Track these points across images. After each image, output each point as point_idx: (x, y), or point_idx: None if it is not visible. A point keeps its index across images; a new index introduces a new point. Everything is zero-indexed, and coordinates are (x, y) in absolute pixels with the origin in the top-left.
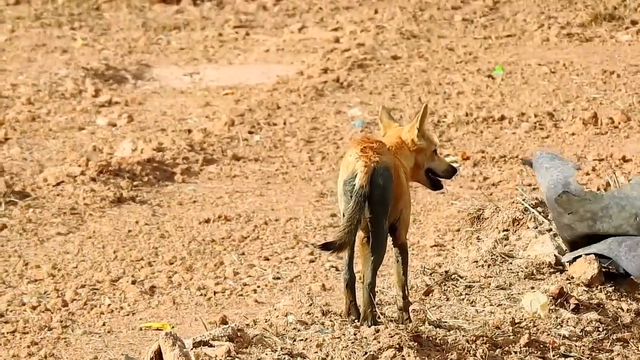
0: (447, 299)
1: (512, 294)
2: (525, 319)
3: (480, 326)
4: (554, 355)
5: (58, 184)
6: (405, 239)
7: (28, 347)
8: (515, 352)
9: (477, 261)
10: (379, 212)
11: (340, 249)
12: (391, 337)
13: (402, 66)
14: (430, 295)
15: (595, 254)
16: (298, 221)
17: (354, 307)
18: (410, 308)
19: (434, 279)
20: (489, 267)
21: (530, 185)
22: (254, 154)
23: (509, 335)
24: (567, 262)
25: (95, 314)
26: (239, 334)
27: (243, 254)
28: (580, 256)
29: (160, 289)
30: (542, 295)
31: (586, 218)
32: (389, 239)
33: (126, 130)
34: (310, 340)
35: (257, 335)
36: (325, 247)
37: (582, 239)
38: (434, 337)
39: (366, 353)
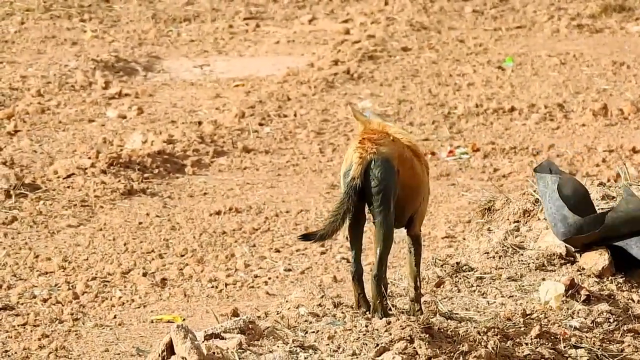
0: (459, 291)
1: (523, 286)
2: (536, 311)
3: (492, 318)
4: (564, 347)
5: (68, 176)
6: (420, 230)
7: (39, 339)
8: (527, 344)
9: (488, 252)
10: (379, 205)
11: (322, 239)
12: (402, 329)
13: (413, 58)
14: (442, 286)
15: (607, 245)
16: (309, 213)
17: (363, 299)
18: (422, 300)
19: (445, 271)
20: (500, 258)
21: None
22: (265, 145)
23: (520, 327)
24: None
25: (106, 307)
26: (250, 326)
27: (254, 245)
28: (591, 246)
29: (171, 281)
30: (559, 285)
31: (597, 238)
32: (403, 230)
33: (136, 122)
34: (322, 333)
35: (268, 327)
36: (306, 237)
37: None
38: (445, 328)
39: (377, 345)
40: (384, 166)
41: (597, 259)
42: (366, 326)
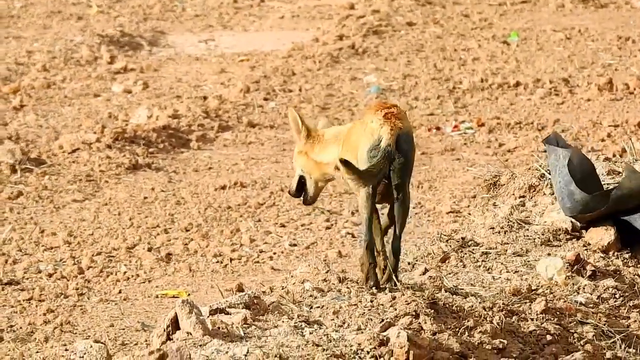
0: (464, 266)
1: (528, 261)
2: (541, 286)
3: (497, 293)
4: (570, 322)
5: (73, 151)
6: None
7: (44, 314)
8: (532, 319)
9: (493, 228)
10: (405, 177)
11: (356, 174)
12: (408, 304)
13: (417, 32)
14: (447, 262)
15: (612, 220)
16: None
17: (373, 270)
18: (427, 275)
19: (450, 246)
20: (505, 233)
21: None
22: (270, 120)
23: (526, 302)
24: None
25: (111, 282)
26: (255, 301)
27: (259, 220)
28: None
29: (176, 256)
30: (558, 260)
31: (603, 212)
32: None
33: (141, 97)
34: (327, 308)
35: (273, 302)
36: (346, 163)
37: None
38: (450, 304)
39: (383, 320)
40: (409, 140)
41: (602, 234)
42: (371, 301)
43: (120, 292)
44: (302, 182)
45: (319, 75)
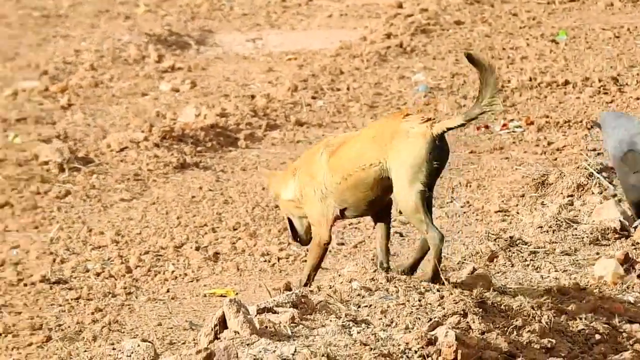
0: (512, 265)
1: (577, 260)
2: (590, 285)
3: (545, 292)
4: (619, 322)
5: (121, 149)
6: None
7: (92, 313)
8: (581, 318)
9: (541, 227)
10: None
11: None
12: (456, 303)
13: (466, 31)
14: (495, 261)
15: None
16: None
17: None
18: (475, 274)
19: (498, 245)
20: (553, 232)
21: (594, 150)
22: (318, 119)
23: (574, 301)
24: (634, 227)
25: (159, 281)
26: (303, 300)
27: None
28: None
29: (224, 255)
30: (612, 262)
31: None
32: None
33: (189, 95)
34: (375, 307)
35: (321, 301)
36: (470, 57)
37: None
38: (498, 303)
39: (431, 319)
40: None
41: None
42: (419, 300)
43: (168, 291)
44: (292, 224)
45: (366, 74)
